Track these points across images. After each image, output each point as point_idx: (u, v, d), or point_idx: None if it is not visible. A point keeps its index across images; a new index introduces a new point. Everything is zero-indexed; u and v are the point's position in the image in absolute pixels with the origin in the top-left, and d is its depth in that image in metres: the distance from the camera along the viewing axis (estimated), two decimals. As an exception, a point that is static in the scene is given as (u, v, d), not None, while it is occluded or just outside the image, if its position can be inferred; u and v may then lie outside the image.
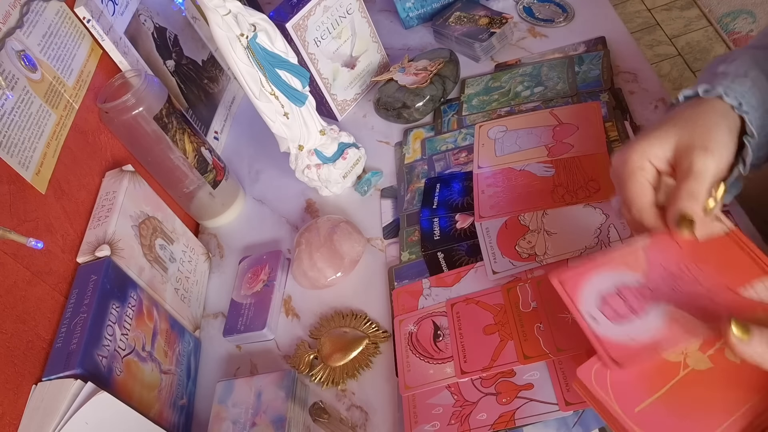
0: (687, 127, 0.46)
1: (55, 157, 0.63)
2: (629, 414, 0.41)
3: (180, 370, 0.66)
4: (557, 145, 0.70)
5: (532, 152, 0.70)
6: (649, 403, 0.41)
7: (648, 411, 0.41)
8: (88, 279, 0.58)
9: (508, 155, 0.71)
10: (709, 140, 0.45)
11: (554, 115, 0.73)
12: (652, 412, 0.41)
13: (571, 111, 0.72)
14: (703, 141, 0.45)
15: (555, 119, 0.72)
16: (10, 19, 0.62)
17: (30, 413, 0.50)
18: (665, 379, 0.42)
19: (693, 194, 0.44)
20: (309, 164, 0.77)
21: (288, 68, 0.68)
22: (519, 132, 0.73)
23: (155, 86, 0.71)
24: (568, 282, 0.46)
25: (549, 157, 0.69)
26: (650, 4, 2.08)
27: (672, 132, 0.46)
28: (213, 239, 0.84)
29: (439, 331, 0.60)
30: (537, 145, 0.71)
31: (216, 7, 0.61)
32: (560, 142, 0.70)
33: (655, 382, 0.42)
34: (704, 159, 0.44)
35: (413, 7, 0.96)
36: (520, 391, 0.53)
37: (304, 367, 0.64)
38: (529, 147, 0.71)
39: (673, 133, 0.46)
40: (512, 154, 0.71)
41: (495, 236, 0.64)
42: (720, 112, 0.47)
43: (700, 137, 0.45)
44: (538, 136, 0.72)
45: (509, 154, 0.72)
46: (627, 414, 0.41)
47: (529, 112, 0.75)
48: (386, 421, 0.58)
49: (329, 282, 0.70)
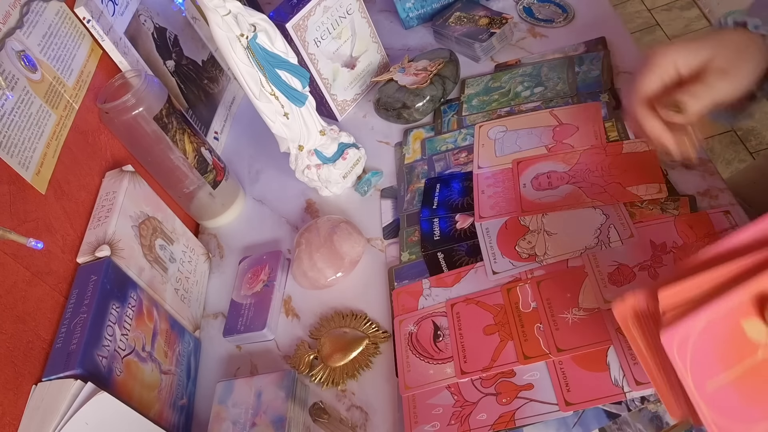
0: (722, 50, 0.50)
1: (55, 157, 0.63)
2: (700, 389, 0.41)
3: (180, 371, 0.66)
4: (557, 145, 0.70)
5: (532, 152, 0.70)
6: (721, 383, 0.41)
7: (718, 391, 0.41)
8: (88, 279, 0.58)
9: (508, 155, 0.72)
10: (733, 66, 0.50)
11: (554, 115, 0.73)
12: (721, 393, 0.41)
13: (571, 111, 0.72)
14: (728, 64, 0.50)
15: (555, 119, 0.72)
16: (10, 19, 0.62)
17: (30, 413, 0.50)
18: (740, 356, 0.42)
19: (695, 94, 0.50)
20: (309, 164, 0.77)
21: (288, 68, 0.68)
22: (519, 132, 0.73)
23: (155, 86, 0.71)
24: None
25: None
26: (650, 5, 2.08)
27: (708, 47, 0.50)
28: (213, 239, 0.84)
29: (439, 332, 0.60)
30: (537, 146, 0.71)
31: (216, 7, 0.61)
32: (560, 142, 0.70)
33: (730, 358, 0.42)
34: (720, 78, 0.49)
35: (413, 8, 0.96)
36: (520, 391, 0.53)
37: (304, 368, 0.64)
38: (529, 147, 0.71)
39: (709, 48, 0.50)
40: (512, 154, 0.71)
41: (495, 236, 0.64)
42: (759, 47, 0.51)
43: (728, 61, 0.50)
44: (538, 136, 0.72)
45: (509, 154, 0.72)
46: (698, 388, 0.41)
47: (529, 113, 0.75)
48: (386, 421, 0.58)
49: (329, 282, 0.70)
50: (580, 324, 0.55)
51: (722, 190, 0.60)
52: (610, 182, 0.63)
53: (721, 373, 0.41)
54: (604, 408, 0.50)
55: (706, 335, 0.41)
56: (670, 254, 0.56)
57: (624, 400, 0.50)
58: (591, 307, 0.56)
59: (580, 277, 0.58)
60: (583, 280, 0.58)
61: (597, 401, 0.50)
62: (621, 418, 0.49)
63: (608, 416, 0.50)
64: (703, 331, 0.41)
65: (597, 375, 0.52)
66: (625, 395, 0.50)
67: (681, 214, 0.59)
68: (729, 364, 0.41)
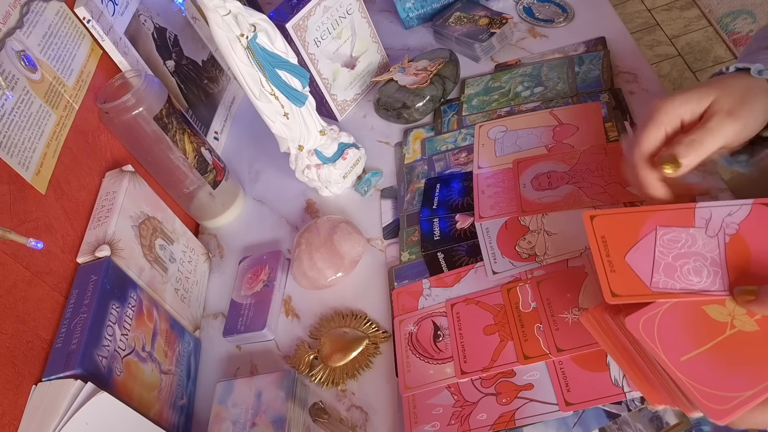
0: (726, 93, 0.48)
1: (55, 157, 0.63)
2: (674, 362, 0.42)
3: (180, 371, 0.66)
4: (557, 145, 0.70)
5: (532, 152, 0.70)
6: (694, 355, 0.42)
7: (692, 361, 0.42)
8: (88, 279, 0.58)
9: (508, 155, 0.72)
10: (739, 107, 0.47)
11: (554, 115, 0.73)
12: (696, 363, 0.42)
13: (571, 111, 0.72)
14: (733, 107, 0.47)
15: (555, 119, 0.72)
16: (10, 19, 0.62)
17: (30, 413, 0.50)
18: (711, 336, 0.43)
19: (694, 143, 0.46)
20: (309, 164, 0.77)
21: (288, 68, 0.68)
22: (519, 132, 0.73)
23: (155, 86, 0.71)
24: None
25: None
26: (650, 5, 2.08)
27: (712, 92, 0.48)
28: (213, 239, 0.84)
29: (439, 332, 0.60)
30: (537, 146, 0.71)
31: (216, 7, 0.61)
32: (560, 142, 0.70)
33: (701, 337, 0.43)
34: (724, 120, 0.46)
35: (413, 7, 0.96)
36: (520, 391, 0.53)
37: (304, 368, 0.64)
38: (529, 147, 0.71)
39: (713, 93, 0.48)
40: (512, 154, 0.71)
41: (495, 236, 0.64)
42: (765, 90, 0.49)
43: (733, 103, 0.47)
44: (538, 136, 0.72)
45: (509, 154, 0.72)
46: (672, 362, 0.42)
47: (529, 113, 0.75)
48: (386, 422, 0.58)
49: (329, 282, 0.70)
50: (580, 324, 0.55)
51: (722, 190, 0.60)
52: (610, 182, 0.63)
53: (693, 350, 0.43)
54: (604, 408, 0.50)
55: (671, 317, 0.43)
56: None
57: (624, 400, 0.50)
58: (591, 307, 0.56)
59: (580, 277, 0.58)
60: (583, 280, 0.58)
61: (597, 401, 0.50)
62: (621, 418, 0.49)
63: (608, 416, 0.50)
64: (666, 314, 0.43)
65: (597, 375, 0.52)
66: (625, 395, 0.50)
67: (681, 214, 0.59)
68: (701, 342, 0.43)
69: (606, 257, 0.47)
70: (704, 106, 0.48)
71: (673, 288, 0.45)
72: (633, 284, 0.45)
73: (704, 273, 0.45)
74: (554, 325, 0.56)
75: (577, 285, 0.57)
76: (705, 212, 0.48)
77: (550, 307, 0.57)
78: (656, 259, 0.46)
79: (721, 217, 0.47)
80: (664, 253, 0.47)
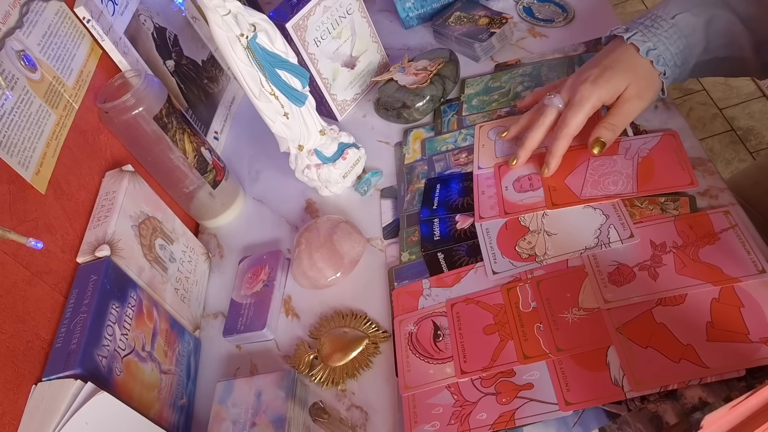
0: (637, 79, 0.61)
1: (55, 157, 0.63)
2: None
3: (180, 370, 0.66)
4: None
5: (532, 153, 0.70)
6: None
7: None
8: (88, 279, 0.58)
9: (508, 156, 0.71)
10: (645, 91, 0.62)
11: (554, 115, 0.73)
12: None
13: (571, 111, 0.72)
14: (641, 91, 0.61)
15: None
16: (10, 19, 0.62)
17: (30, 413, 0.50)
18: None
19: (614, 127, 0.62)
20: (309, 164, 0.77)
21: (288, 68, 0.68)
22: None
23: (155, 86, 0.71)
24: None
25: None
26: (650, 4, 2.08)
27: (626, 78, 0.61)
28: (213, 239, 0.84)
29: (439, 331, 0.60)
30: (537, 146, 0.70)
31: (216, 7, 0.61)
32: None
33: None
34: (635, 104, 0.62)
35: (413, 7, 0.96)
36: (520, 391, 0.53)
37: (304, 367, 0.64)
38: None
39: (627, 79, 0.61)
40: (512, 154, 0.71)
41: (495, 237, 0.64)
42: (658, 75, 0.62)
43: (642, 88, 0.61)
44: (538, 136, 0.72)
45: (509, 154, 0.71)
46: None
47: (529, 113, 0.75)
48: (386, 421, 0.58)
49: (329, 282, 0.70)
50: (580, 324, 0.55)
51: (722, 189, 0.60)
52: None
53: None
54: (604, 408, 0.50)
55: None
56: (670, 254, 0.56)
57: (624, 400, 0.50)
58: (591, 307, 0.56)
59: (580, 277, 0.58)
60: (583, 280, 0.58)
61: (597, 401, 0.50)
62: (621, 417, 0.50)
63: (608, 416, 0.50)
64: None
65: (597, 375, 0.52)
66: (625, 395, 0.50)
67: (681, 214, 0.59)
68: None
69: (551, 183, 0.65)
70: (621, 90, 0.61)
71: (596, 195, 0.62)
72: (568, 195, 0.63)
73: (620, 183, 0.62)
74: (554, 325, 0.56)
75: (577, 285, 0.57)
76: (626, 144, 0.65)
77: (550, 306, 0.57)
78: (586, 178, 0.64)
79: (638, 146, 0.64)
80: (592, 174, 0.64)
